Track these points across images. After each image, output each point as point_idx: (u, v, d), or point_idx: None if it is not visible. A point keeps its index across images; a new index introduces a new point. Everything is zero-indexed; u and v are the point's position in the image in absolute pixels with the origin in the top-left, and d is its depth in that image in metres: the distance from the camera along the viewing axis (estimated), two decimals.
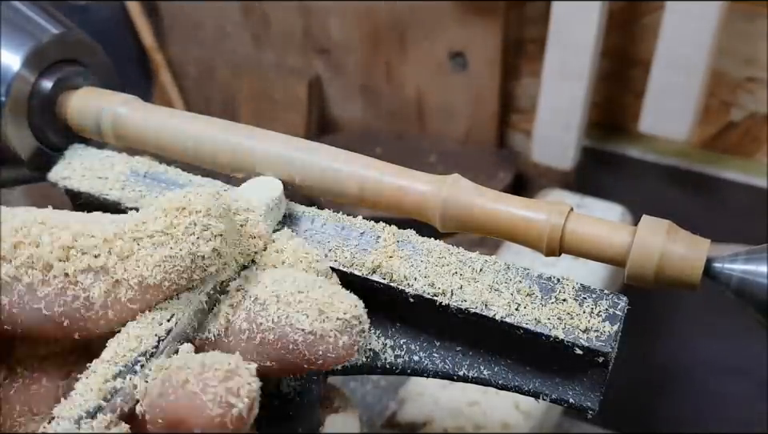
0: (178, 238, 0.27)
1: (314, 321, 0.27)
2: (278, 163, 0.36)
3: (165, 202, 0.28)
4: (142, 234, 0.27)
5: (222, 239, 0.28)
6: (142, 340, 0.27)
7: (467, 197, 0.34)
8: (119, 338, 0.27)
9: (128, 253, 0.27)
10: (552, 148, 1.20)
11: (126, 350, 0.27)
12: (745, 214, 1.14)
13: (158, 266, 0.27)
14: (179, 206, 0.28)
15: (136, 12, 1.57)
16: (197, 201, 0.28)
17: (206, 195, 0.28)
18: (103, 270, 0.27)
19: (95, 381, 0.26)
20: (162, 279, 0.27)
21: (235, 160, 0.37)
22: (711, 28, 1.00)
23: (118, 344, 0.27)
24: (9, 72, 0.38)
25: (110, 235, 0.27)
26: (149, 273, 0.27)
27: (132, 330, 0.27)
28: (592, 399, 0.32)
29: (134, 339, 0.27)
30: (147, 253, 0.27)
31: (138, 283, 0.27)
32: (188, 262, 0.27)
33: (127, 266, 0.27)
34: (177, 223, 0.27)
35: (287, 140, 0.37)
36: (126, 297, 0.27)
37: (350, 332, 0.27)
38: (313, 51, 1.48)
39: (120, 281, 0.27)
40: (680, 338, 1.20)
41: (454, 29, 1.28)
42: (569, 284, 0.32)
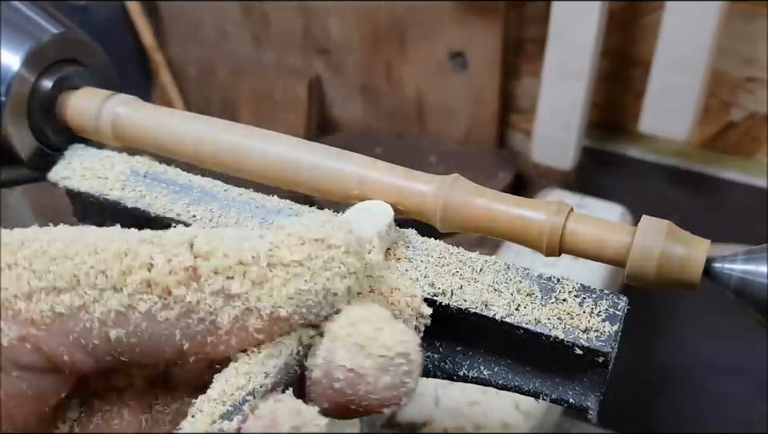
0: (315, 271, 0.26)
1: (354, 357, 0.25)
2: (277, 163, 0.36)
3: (303, 230, 0.26)
4: (277, 261, 0.26)
5: (356, 278, 0.27)
6: (250, 378, 0.25)
7: (467, 197, 0.34)
8: (226, 374, 0.25)
9: (263, 280, 0.25)
10: (552, 148, 1.20)
11: (234, 388, 0.25)
12: (745, 215, 1.14)
13: (290, 298, 0.25)
14: (317, 237, 0.26)
15: (136, 12, 1.57)
16: (336, 235, 0.26)
17: (344, 229, 0.26)
18: (237, 295, 0.25)
19: (202, 421, 0.24)
20: (292, 311, 0.25)
21: (235, 160, 0.37)
22: (711, 28, 1.00)
23: (226, 381, 0.25)
24: (9, 72, 0.38)
25: (247, 258, 0.25)
26: (281, 304, 0.25)
27: (240, 366, 0.26)
28: (592, 399, 0.32)
29: (242, 377, 0.25)
30: (281, 283, 0.25)
31: (269, 313, 0.25)
32: (321, 298, 0.26)
33: (260, 294, 0.25)
34: (315, 255, 0.26)
35: (287, 140, 0.37)
36: (255, 326, 0.25)
37: (393, 372, 0.25)
38: (313, 51, 1.48)
39: (251, 309, 0.25)
40: (680, 338, 1.20)
41: (454, 29, 1.28)
42: (569, 284, 0.32)
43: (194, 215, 0.36)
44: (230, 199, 0.37)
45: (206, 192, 0.37)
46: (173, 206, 0.37)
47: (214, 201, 0.37)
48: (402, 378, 0.25)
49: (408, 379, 0.25)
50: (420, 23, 1.31)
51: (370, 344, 0.25)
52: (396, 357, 0.25)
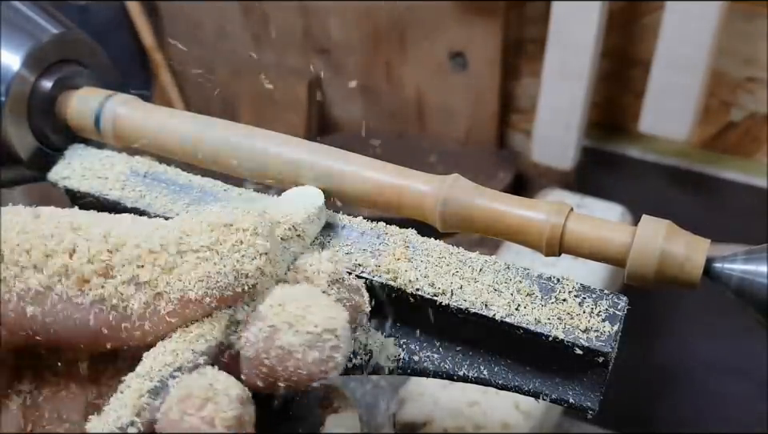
0: (224, 254, 0.27)
1: (283, 335, 0.26)
2: (277, 163, 0.36)
3: (212, 216, 0.28)
4: (187, 247, 0.27)
5: (267, 258, 0.28)
6: (177, 355, 0.26)
7: (467, 197, 0.34)
8: (155, 352, 0.26)
9: (172, 266, 0.27)
10: (552, 148, 1.20)
11: (161, 365, 0.26)
12: (745, 215, 1.14)
13: (200, 281, 0.27)
14: (226, 222, 0.27)
15: (136, 12, 1.57)
16: (244, 219, 0.27)
17: (253, 213, 0.28)
18: (146, 283, 0.27)
19: (129, 397, 0.25)
20: (203, 294, 0.27)
21: (235, 160, 0.37)
22: (711, 28, 1.00)
23: (154, 359, 0.26)
24: (9, 72, 0.38)
25: (156, 247, 0.27)
26: (191, 287, 0.27)
27: (168, 344, 0.27)
28: (592, 399, 0.32)
29: (169, 354, 0.26)
30: (191, 267, 0.27)
31: (179, 297, 0.27)
32: (231, 279, 0.27)
33: (170, 279, 0.27)
34: (223, 239, 0.27)
35: (287, 140, 0.37)
36: (166, 310, 0.27)
37: (320, 347, 0.26)
38: (313, 51, 1.48)
39: (161, 294, 0.27)
40: (680, 338, 1.20)
41: (454, 29, 1.28)
42: (569, 284, 0.32)
43: None
44: (230, 199, 0.37)
45: (206, 192, 0.37)
46: (173, 206, 0.37)
47: (214, 201, 0.37)
48: (329, 353, 0.26)
49: (336, 353, 0.26)
50: (420, 23, 1.31)
51: (298, 322, 0.26)
52: (323, 333, 0.26)
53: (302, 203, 0.33)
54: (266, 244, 0.27)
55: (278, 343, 0.26)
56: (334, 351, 0.26)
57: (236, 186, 0.38)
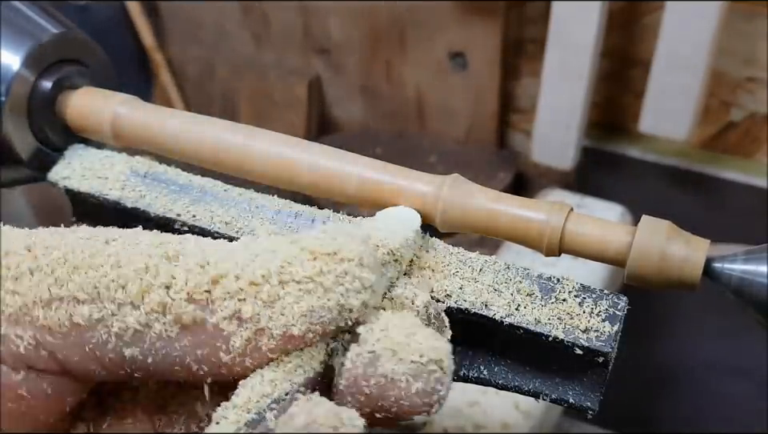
0: (328, 287, 0.25)
1: (386, 362, 0.24)
2: (277, 163, 0.36)
3: (315, 243, 0.26)
4: (289, 277, 0.25)
5: (372, 292, 0.26)
6: (276, 385, 0.25)
7: (467, 197, 0.34)
8: (251, 382, 0.25)
9: (274, 299, 0.25)
10: (552, 148, 1.20)
11: (259, 396, 0.25)
12: (745, 215, 1.14)
13: (303, 316, 0.25)
14: (330, 251, 0.25)
15: (136, 12, 1.57)
16: (350, 248, 0.25)
17: (357, 241, 0.26)
18: (250, 319, 0.25)
19: (227, 428, 0.24)
20: (306, 329, 0.25)
21: (235, 160, 0.37)
22: (711, 28, 1.00)
23: (251, 389, 0.25)
24: (8, 72, 0.38)
25: (257, 278, 0.25)
26: (293, 322, 0.25)
27: (266, 374, 0.25)
28: (592, 399, 0.32)
29: (267, 384, 0.25)
30: (293, 300, 0.25)
31: (281, 333, 0.25)
32: (335, 314, 0.25)
33: (272, 313, 0.25)
34: (327, 270, 0.25)
35: (287, 140, 0.37)
36: (268, 346, 0.25)
37: (425, 378, 0.24)
38: (313, 51, 1.48)
39: (263, 329, 0.25)
40: (680, 338, 1.20)
41: (454, 29, 1.28)
42: (569, 284, 0.32)
43: (194, 215, 0.36)
44: (230, 199, 0.37)
45: (206, 192, 0.37)
46: (173, 206, 0.37)
47: (214, 201, 0.37)
48: (434, 385, 0.24)
49: (440, 386, 0.25)
50: (420, 23, 1.31)
51: (402, 349, 0.24)
52: (428, 363, 0.24)
53: (399, 226, 0.31)
54: (372, 277, 0.26)
55: (381, 370, 0.24)
56: (438, 383, 0.25)
57: (236, 186, 0.38)
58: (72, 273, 0.25)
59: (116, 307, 0.25)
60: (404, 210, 0.34)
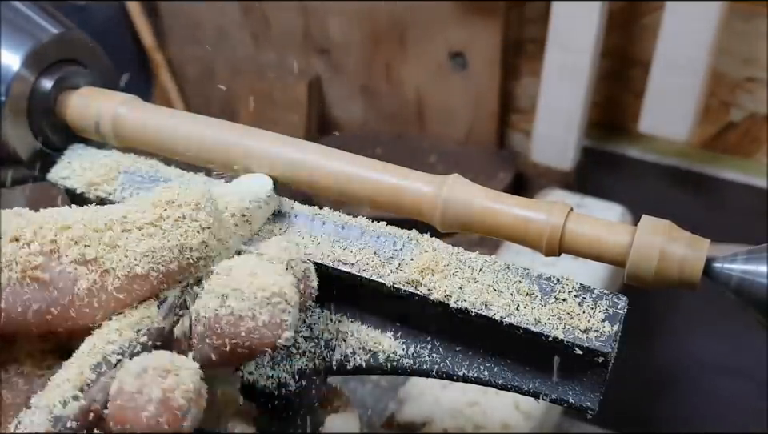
0: (167, 229, 0.28)
1: (232, 301, 0.26)
2: (277, 164, 0.36)
3: (154, 194, 0.29)
4: (131, 225, 0.28)
5: (210, 233, 0.28)
6: (121, 333, 0.27)
7: (467, 197, 0.34)
8: (100, 331, 0.27)
9: (116, 243, 0.28)
10: (552, 148, 1.20)
11: (105, 343, 0.27)
12: (745, 215, 1.14)
13: (145, 256, 0.27)
14: (169, 199, 0.28)
15: (136, 12, 1.57)
16: (187, 194, 0.28)
17: (195, 189, 0.29)
18: (93, 260, 0.27)
19: (72, 372, 0.26)
20: (149, 269, 0.27)
21: (234, 160, 0.37)
22: (711, 28, 1.00)
23: (98, 337, 0.27)
24: (9, 72, 0.38)
25: (101, 226, 0.28)
26: (137, 263, 0.27)
27: (113, 323, 0.27)
28: (592, 399, 0.32)
29: (113, 332, 0.27)
30: (135, 244, 0.27)
31: (125, 273, 0.27)
32: (176, 253, 0.28)
33: (115, 256, 0.27)
34: (166, 215, 0.28)
35: (286, 140, 0.37)
36: (113, 286, 0.27)
37: (270, 310, 0.26)
38: (313, 51, 1.48)
39: (108, 271, 0.27)
40: (680, 338, 1.20)
41: (453, 29, 1.28)
42: (569, 284, 0.32)
43: None
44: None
45: None
46: None
47: None
48: (280, 315, 0.26)
49: (286, 316, 0.26)
50: (420, 23, 1.31)
51: (246, 288, 0.26)
52: (272, 296, 0.26)
53: (250, 189, 0.33)
54: (209, 219, 0.28)
55: (229, 309, 0.26)
56: (284, 313, 0.26)
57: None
58: None
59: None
60: (256, 176, 0.35)
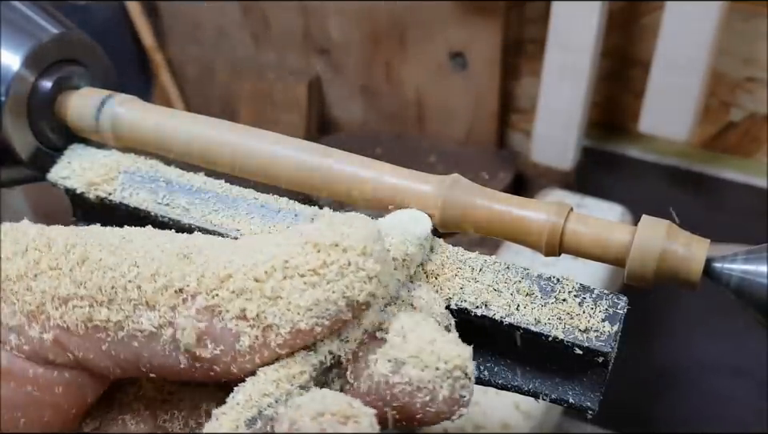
0: (331, 279, 0.25)
1: (411, 368, 0.24)
2: (277, 163, 0.36)
3: (317, 235, 0.25)
4: (293, 271, 0.25)
5: (378, 282, 0.25)
6: (278, 385, 0.25)
7: (467, 197, 0.34)
8: (253, 380, 0.25)
9: (278, 295, 0.25)
10: (552, 148, 1.20)
11: (260, 394, 0.24)
12: (745, 215, 1.14)
13: (309, 310, 0.24)
14: (333, 242, 0.25)
15: (136, 12, 1.57)
16: (353, 237, 0.25)
17: (361, 231, 0.25)
18: (255, 316, 0.25)
19: (226, 425, 0.24)
20: (313, 323, 0.25)
21: (235, 160, 0.37)
22: (711, 28, 1.00)
23: (253, 386, 0.25)
24: (8, 72, 0.38)
25: (261, 274, 0.25)
26: (300, 318, 0.24)
27: (270, 372, 0.25)
28: (592, 399, 0.32)
29: (269, 384, 0.25)
30: (298, 295, 0.24)
31: (289, 329, 0.25)
32: (341, 305, 0.25)
33: (277, 310, 0.25)
34: (330, 261, 0.25)
35: (286, 140, 0.37)
36: (276, 343, 0.25)
37: (451, 385, 0.24)
38: (313, 51, 1.48)
39: (271, 326, 0.25)
40: (680, 338, 1.20)
41: (454, 29, 1.28)
42: (569, 284, 0.32)
43: (194, 215, 0.36)
44: (230, 199, 0.37)
45: (207, 192, 0.37)
46: (173, 206, 0.37)
47: (215, 201, 0.37)
48: (460, 391, 0.24)
49: (465, 392, 0.24)
50: (420, 23, 1.31)
51: (427, 356, 0.24)
52: (454, 370, 0.24)
53: (409, 227, 0.31)
54: (377, 267, 0.25)
55: (406, 377, 0.24)
56: (464, 389, 0.24)
57: (237, 186, 0.38)
58: (91, 272, 0.25)
59: (132, 309, 0.25)
60: (415, 212, 0.33)
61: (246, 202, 0.36)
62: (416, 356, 0.24)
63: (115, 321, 0.25)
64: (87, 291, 0.25)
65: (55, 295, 0.25)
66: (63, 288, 0.25)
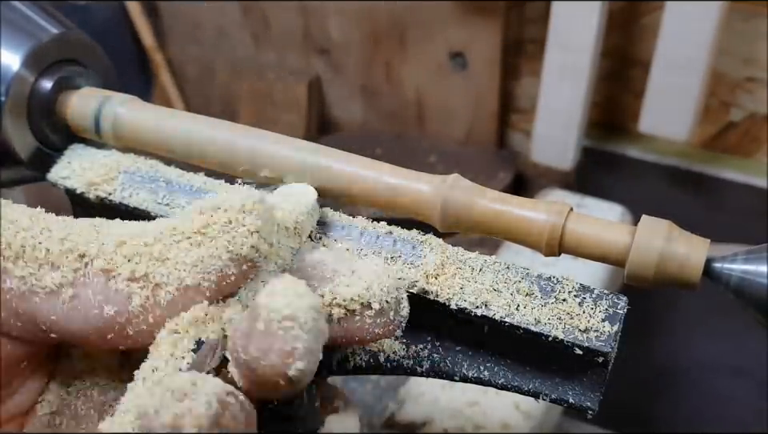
0: (215, 236, 0.26)
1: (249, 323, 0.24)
2: (276, 164, 0.36)
3: (201, 202, 0.28)
4: (180, 236, 0.27)
5: (260, 237, 0.27)
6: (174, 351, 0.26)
7: (467, 197, 0.34)
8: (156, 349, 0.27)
9: (166, 256, 0.27)
10: (552, 148, 1.20)
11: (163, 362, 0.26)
12: (745, 215, 1.14)
13: (195, 266, 0.26)
14: (215, 205, 0.27)
15: (136, 12, 1.57)
16: (232, 199, 0.27)
17: (242, 193, 0.27)
18: (144, 276, 0.27)
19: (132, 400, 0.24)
20: (199, 279, 0.26)
21: (235, 160, 0.37)
22: (711, 28, 1.00)
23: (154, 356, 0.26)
24: (8, 72, 0.38)
25: (150, 240, 0.27)
26: (186, 274, 0.26)
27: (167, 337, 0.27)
28: (592, 399, 0.32)
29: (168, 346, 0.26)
30: (184, 255, 0.27)
31: (176, 286, 0.27)
32: (225, 260, 0.26)
33: (165, 269, 0.27)
34: (212, 221, 0.27)
35: (286, 140, 0.37)
36: (166, 300, 0.27)
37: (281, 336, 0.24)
38: (313, 51, 1.48)
39: (159, 285, 0.27)
40: (680, 338, 1.20)
41: (454, 29, 1.28)
42: (569, 284, 0.32)
43: None
44: None
45: (207, 192, 0.37)
46: (173, 206, 0.37)
47: None
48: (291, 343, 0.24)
49: (297, 343, 0.24)
50: (420, 23, 1.31)
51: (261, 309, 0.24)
52: (284, 320, 0.24)
53: (296, 199, 0.33)
54: (257, 222, 0.27)
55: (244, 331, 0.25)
56: (295, 340, 0.24)
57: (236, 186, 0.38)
58: (6, 230, 0.28)
59: (36, 267, 0.27)
60: (300, 185, 0.35)
61: None
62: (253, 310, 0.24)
63: (19, 275, 0.27)
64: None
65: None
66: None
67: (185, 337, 0.27)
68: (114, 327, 0.27)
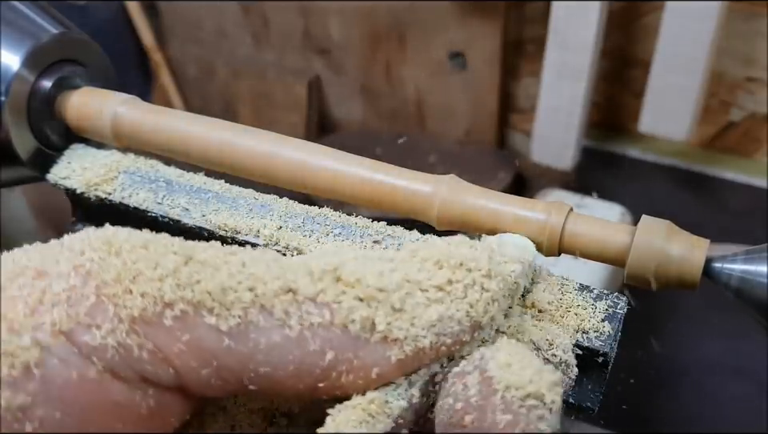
0: (457, 297, 0.24)
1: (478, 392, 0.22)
2: (277, 164, 0.36)
3: (440, 253, 0.24)
4: (415, 286, 0.24)
5: (499, 308, 0.24)
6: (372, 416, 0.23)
7: (466, 197, 0.34)
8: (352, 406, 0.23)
9: (401, 307, 0.23)
10: (552, 148, 1.20)
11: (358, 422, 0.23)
12: (745, 215, 1.14)
13: (432, 325, 0.23)
14: (458, 261, 0.24)
15: (136, 12, 1.57)
16: (476, 259, 0.24)
17: (484, 253, 0.24)
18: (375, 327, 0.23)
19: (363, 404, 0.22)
20: (435, 341, 0.23)
21: (235, 160, 0.37)
22: (711, 28, 1.00)
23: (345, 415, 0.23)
24: (8, 72, 0.38)
25: (386, 285, 0.23)
26: (423, 334, 0.23)
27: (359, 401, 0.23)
28: (592, 399, 0.32)
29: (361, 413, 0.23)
30: (422, 310, 0.23)
31: (411, 345, 0.23)
32: (464, 325, 0.24)
33: (402, 323, 0.23)
34: (455, 279, 0.24)
35: (286, 141, 0.37)
36: (396, 357, 0.23)
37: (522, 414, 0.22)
38: (313, 51, 1.48)
39: (396, 340, 0.23)
40: (680, 338, 1.20)
41: (454, 29, 1.28)
42: (569, 284, 0.32)
43: (194, 216, 0.36)
44: (231, 200, 0.37)
45: (207, 192, 0.37)
46: (174, 206, 0.37)
47: (216, 201, 0.37)
48: (535, 423, 0.22)
49: (541, 423, 0.22)
50: (420, 23, 1.31)
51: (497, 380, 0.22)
52: (527, 398, 0.22)
53: (517, 255, 0.30)
54: (499, 290, 0.24)
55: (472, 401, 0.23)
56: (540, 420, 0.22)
57: (237, 186, 0.38)
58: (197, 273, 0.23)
59: (243, 313, 0.23)
60: (518, 238, 0.32)
61: (246, 202, 0.36)
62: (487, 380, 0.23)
63: (226, 329, 0.23)
64: (194, 295, 0.23)
65: (158, 299, 0.22)
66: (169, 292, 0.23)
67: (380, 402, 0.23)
68: (331, 375, 0.23)
